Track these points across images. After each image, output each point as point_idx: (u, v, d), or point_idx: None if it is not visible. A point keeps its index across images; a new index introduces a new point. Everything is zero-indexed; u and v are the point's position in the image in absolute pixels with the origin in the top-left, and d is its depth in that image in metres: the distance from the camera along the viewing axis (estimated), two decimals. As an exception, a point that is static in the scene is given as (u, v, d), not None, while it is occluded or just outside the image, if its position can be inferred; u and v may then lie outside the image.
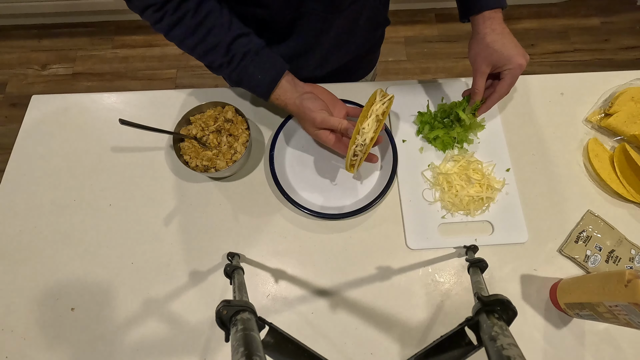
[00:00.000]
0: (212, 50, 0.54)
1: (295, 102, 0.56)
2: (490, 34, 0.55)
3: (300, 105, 0.56)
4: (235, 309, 0.35)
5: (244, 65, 0.55)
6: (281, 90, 0.56)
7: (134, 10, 0.53)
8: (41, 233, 0.61)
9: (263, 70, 0.55)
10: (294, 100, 0.57)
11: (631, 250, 0.58)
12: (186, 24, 0.52)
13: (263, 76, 0.55)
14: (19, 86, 1.72)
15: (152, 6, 0.51)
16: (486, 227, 0.60)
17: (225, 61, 0.54)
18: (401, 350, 0.53)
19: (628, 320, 0.43)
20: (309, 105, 0.56)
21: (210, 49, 0.54)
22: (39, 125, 0.69)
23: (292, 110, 0.58)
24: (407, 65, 1.73)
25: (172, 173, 0.65)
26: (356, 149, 0.53)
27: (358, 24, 0.65)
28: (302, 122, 0.59)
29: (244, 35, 0.54)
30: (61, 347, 0.54)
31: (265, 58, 0.55)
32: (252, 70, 0.55)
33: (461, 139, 0.64)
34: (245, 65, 0.54)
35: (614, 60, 1.70)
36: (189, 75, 1.73)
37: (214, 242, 0.60)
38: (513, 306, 0.36)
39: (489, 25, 0.55)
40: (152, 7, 0.51)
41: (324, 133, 0.57)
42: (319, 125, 0.56)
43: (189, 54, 0.56)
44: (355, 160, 0.54)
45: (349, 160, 0.54)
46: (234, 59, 0.54)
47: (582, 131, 0.67)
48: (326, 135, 0.57)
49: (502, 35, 0.55)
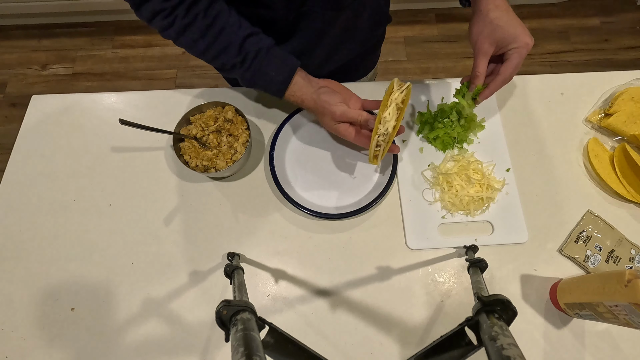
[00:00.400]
0: (224, 51, 0.53)
1: (313, 96, 0.56)
2: (494, 10, 0.51)
3: (317, 100, 0.56)
4: (235, 309, 0.35)
5: (257, 64, 0.54)
6: (296, 86, 0.56)
7: (142, 19, 0.52)
8: (41, 233, 0.61)
9: (276, 67, 0.54)
10: (311, 95, 0.56)
11: (631, 250, 0.58)
12: (197, 26, 0.51)
13: (277, 73, 0.55)
14: (19, 86, 1.72)
15: (162, 12, 0.50)
16: (486, 227, 0.60)
17: (238, 61, 0.54)
18: (401, 350, 0.53)
19: (628, 320, 0.43)
20: (327, 99, 0.55)
21: (222, 50, 0.53)
22: (39, 125, 0.69)
23: (310, 106, 0.57)
24: (407, 65, 1.73)
25: (172, 173, 0.65)
26: (379, 139, 0.52)
27: (360, 22, 0.65)
28: (320, 116, 0.58)
29: (254, 34, 0.54)
30: (61, 347, 0.54)
31: (277, 55, 0.55)
32: (265, 68, 0.54)
33: (461, 139, 0.64)
34: (258, 63, 0.54)
35: (614, 60, 1.70)
36: (189, 75, 1.73)
37: (214, 242, 0.60)
38: (513, 306, 0.36)
39: (492, 1, 0.51)
40: (162, 13, 0.50)
41: (343, 126, 0.56)
42: (339, 119, 0.55)
43: (200, 57, 0.56)
44: (379, 150, 0.54)
45: (372, 151, 0.54)
46: (247, 58, 0.53)
47: (582, 131, 0.67)
48: (345, 128, 0.56)
49: (507, 12, 0.51)
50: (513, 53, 0.51)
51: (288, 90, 0.56)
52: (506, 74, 0.52)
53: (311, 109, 0.58)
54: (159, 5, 0.49)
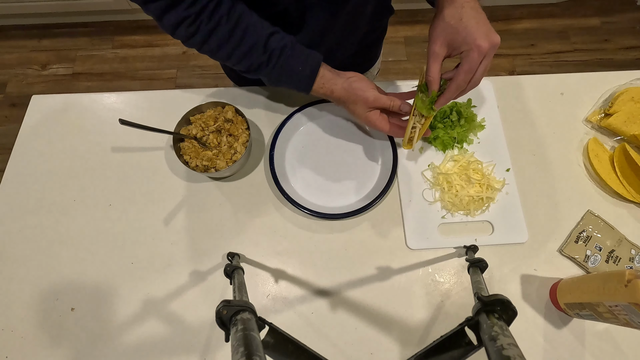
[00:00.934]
0: (250, 51, 0.52)
1: (344, 85, 0.55)
2: (449, 6, 0.45)
3: (349, 88, 0.55)
4: (235, 309, 0.35)
5: (283, 61, 0.53)
6: (324, 79, 0.55)
7: (165, 29, 0.51)
8: (41, 233, 0.61)
9: (302, 62, 0.54)
10: (342, 84, 0.55)
11: (631, 250, 0.58)
12: (222, 30, 0.51)
13: (303, 68, 0.54)
14: (19, 86, 1.72)
15: (186, 19, 0.49)
16: (486, 227, 0.60)
17: (264, 60, 0.53)
18: (401, 350, 0.53)
19: (628, 320, 0.43)
20: (359, 86, 0.55)
21: (247, 50, 0.52)
22: (39, 125, 0.69)
23: (340, 96, 0.56)
24: (407, 65, 1.73)
25: (172, 173, 0.65)
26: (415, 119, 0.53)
27: (364, 14, 0.64)
28: (351, 105, 0.57)
29: (275, 32, 0.53)
30: (61, 347, 0.54)
31: (301, 51, 0.54)
32: (291, 64, 0.54)
33: (461, 139, 0.64)
34: (284, 60, 0.53)
35: (614, 60, 1.70)
36: (189, 75, 1.73)
37: (214, 242, 0.60)
38: (513, 306, 0.36)
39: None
40: (186, 21, 0.49)
41: (375, 114, 0.56)
42: (372, 104, 0.55)
43: (225, 62, 0.55)
44: (414, 132, 0.55)
45: (407, 135, 0.54)
46: (273, 56, 0.53)
47: (582, 131, 0.67)
48: (377, 116, 0.56)
49: (465, 9, 0.45)
50: (463, 57, 0.46)
51: (316, 84, 0.55)
52: (458, 80, 0.46)
53: (342, 98, 0.57)
54: (183, 12, 0.48)
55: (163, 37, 1.79)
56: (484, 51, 0.44)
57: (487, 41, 0.44)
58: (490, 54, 0.45)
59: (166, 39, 1.79)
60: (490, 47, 0.44)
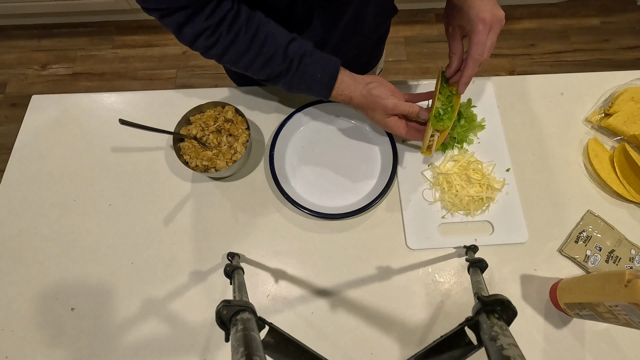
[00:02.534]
0: (270, 60, 0.52)
1: (362, 92, 0.55)
2: None
3: (368, 95, 0.55)
4: (235, 309, 0.35)
5: (303, 68, 0.53)
6: (343, 84, 0.55)
7: (184, 42, 0.51)
8: (41, 233, 0.61)
9: (321, 68, 0.54)
10: (360, 91, 0.55)
11: (631, 250, 0.58)
12: (241, 40, 0.50)
13: (322, 74, 0.54)
14: (19, 86, 1.72)
15: (206, 30, 0.48)
16: (486, 227, 0.60)
17: (284, 68, 0.53)
18: (401, 350, 0.53)
19: (628, 320, 0.43)
20: (378, 93, 0.55)
21: (268, 59, 0.52)
22: (39, 125, 0.69)
23: (359, 102, 0.56)
24: (407, 65, 1.73)
25: (172, 173, 0.65)
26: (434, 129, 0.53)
27: (366, 14, 0.64)
28: (370, 112, 0.57)
29: (293, 39, 0.53)
30: (61, 347, 0.54)
31: (320, 57, 0.54)
32: (310, 71, 0.54)
33: (461, 139, 0.64)
34: (304, 67, 0.53)
35: (614, 60, 1.70)
36: (189, 75, 1.73)
37: (214, 242, 0.60)
38: (513, 306, 0.36)
39: None
40: (206, 32, 0.49)
41: (393, 120, 0.56)
42: (391, 112, 0.55)
43: (245, 71, 0.55)
44: (433, 140, 0.55)
45: (426, 141, 0.54)
46: (292, 64, 0.53)
47: (582, 131, 0.67)
48: (395, 122, 0.57)
49: None
50: (472, 32, 0.49)
51: (335, 90, 0.55)
52: (472, 53, 0.49)
53: (361, 105, 0.57)
54: (203, 24, 0.48)
55: (163, 37, 1.79)
56: (488, 23, 0.47)
57: (490, 14, 0.47)
58: (495, 27, 0.48)
59: (166, 39, 1.79)
60: (494, 20, 0.47)
